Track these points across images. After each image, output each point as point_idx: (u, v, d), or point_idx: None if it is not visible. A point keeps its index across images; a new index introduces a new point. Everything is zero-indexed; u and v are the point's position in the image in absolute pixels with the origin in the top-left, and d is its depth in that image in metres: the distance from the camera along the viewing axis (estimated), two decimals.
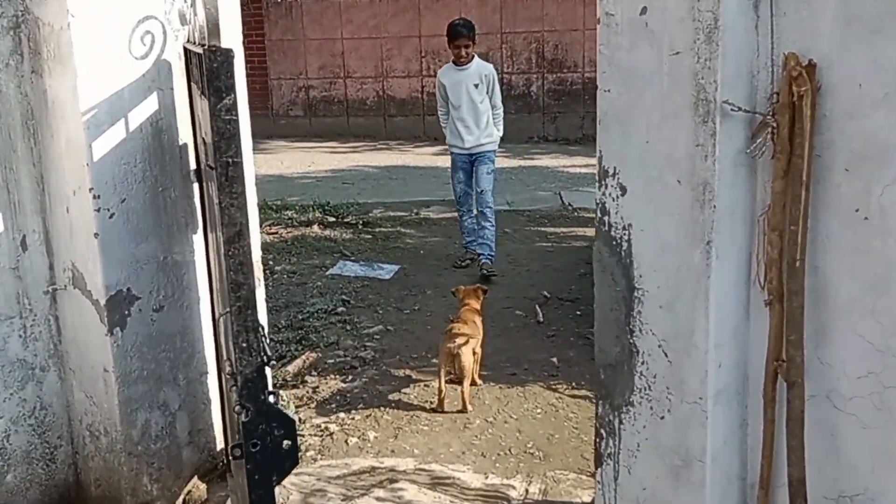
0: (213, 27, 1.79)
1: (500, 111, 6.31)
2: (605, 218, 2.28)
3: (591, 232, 8.37)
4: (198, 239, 3.29)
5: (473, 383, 4.36)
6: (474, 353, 4.36)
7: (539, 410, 4.23)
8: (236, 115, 1.78)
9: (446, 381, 4.29)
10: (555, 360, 4.83)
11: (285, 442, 1.92)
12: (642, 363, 2.27)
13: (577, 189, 9.21)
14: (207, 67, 1.74)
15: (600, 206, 2.29)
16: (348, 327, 5.39)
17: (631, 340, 2.28)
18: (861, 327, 2.03)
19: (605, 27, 2.18)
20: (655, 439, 2.28)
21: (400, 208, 8.48)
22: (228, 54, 1.75)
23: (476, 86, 6.08)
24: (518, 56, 12.11)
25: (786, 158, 2.02)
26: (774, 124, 2.02)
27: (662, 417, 2.25)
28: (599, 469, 2.43)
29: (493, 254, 6.24)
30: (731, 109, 2.02)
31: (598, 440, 2.42)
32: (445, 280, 6.07)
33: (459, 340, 4.23)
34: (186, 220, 3.23)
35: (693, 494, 2.21)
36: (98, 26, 2.88)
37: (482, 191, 6.23)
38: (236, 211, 1.82)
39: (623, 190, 2.22)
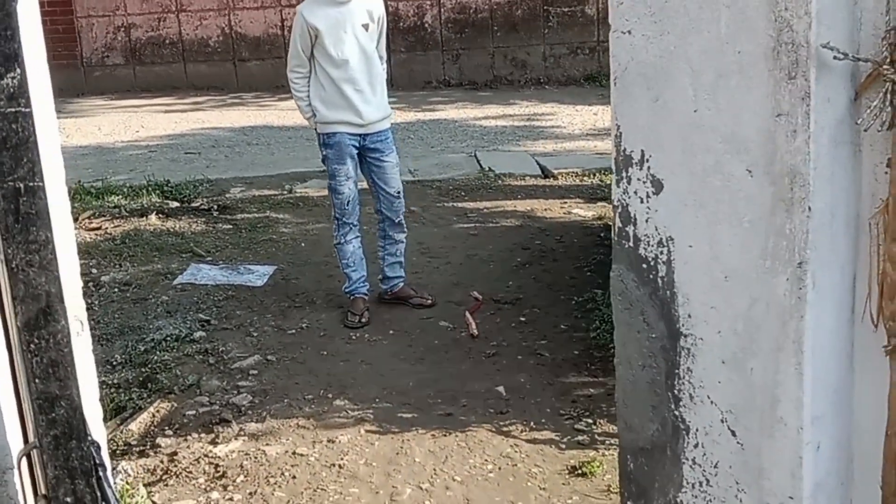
0: None
1: (385, 66, 5.58)
2: (630, 229, 2.01)
3: (521, 206, 8.17)
4: None
5: None
6: None
7: (490, 466, 3.95)
8: (27, 104, 1.24)
9: None
10: (501, 389, 4.58)
11: None
12: (696, 446, 2.01)
13: (496, 149, 9.22)
14: None
15: (621, 209, 2.03)
16: (212, 360, 5.01)
17: (676, 413, 2.03)
18: None
19: None
20: None
21: (267, 185, 8.25)
22: None
23: (365, 27, 5.29)
24: None
25: None
26: None
27: None
28: None
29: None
30: (835, 57, 1.70)
31: None
32: (337, 283, 5.72)
33: None
34: None
35: None
36: None
37: (397, 192, 5.48)
38: (38, 275, 1.30)
39: (658, 186, 1.95)
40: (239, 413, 4.42)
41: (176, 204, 7.59)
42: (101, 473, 1.46)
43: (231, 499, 3.76)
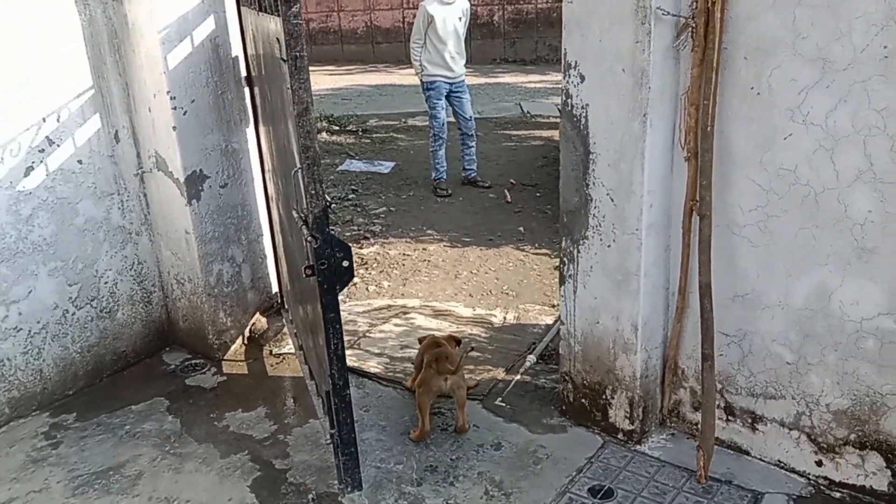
0: None
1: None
2: (569, 101, 2.39)
3: (546, 133, 8.39)
4: (249, 132, 3.40)
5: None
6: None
7: (511, 264, 4.46)
8: (301, 19, 1.92)
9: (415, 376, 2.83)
10: (521, 229, 5.01)
11: (344, 262, 2.15)
12: (595, 207, 2.42)
13: (534, 100, 9.11)
14: None
15: (564, 91, 2.39)
16: (359, 209, 5.50)
17: (587, 192, 2.42)
18: (752, 175, 2.22)
19: None
20: (603, 262, 2.47)
21: (391, 118, 8.34)
22: None
23: (460, 19, 5.56)
24: None
25: (701, 51, 2.19)
26: (693, 25, 2.16)
27: (609, 246, 2.43)
28: (563, 286, 2.64)
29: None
30: (662, 14, 2.16)
31: (561, 265, 2.63)
32: (429, 173, 6.11)
33: (453, 379, 2.67)
34: (240, 116, 3.34)
35: (631, 300, 2.44)
36: None
37: (470, 117, 5.73)
38: (304, 93, 1.97)
39: (582, 78, 2.33)
40: (374, 234, 4.97)
41: (337, 127, 7.85)
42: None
43: (370, 273, 4.36)
